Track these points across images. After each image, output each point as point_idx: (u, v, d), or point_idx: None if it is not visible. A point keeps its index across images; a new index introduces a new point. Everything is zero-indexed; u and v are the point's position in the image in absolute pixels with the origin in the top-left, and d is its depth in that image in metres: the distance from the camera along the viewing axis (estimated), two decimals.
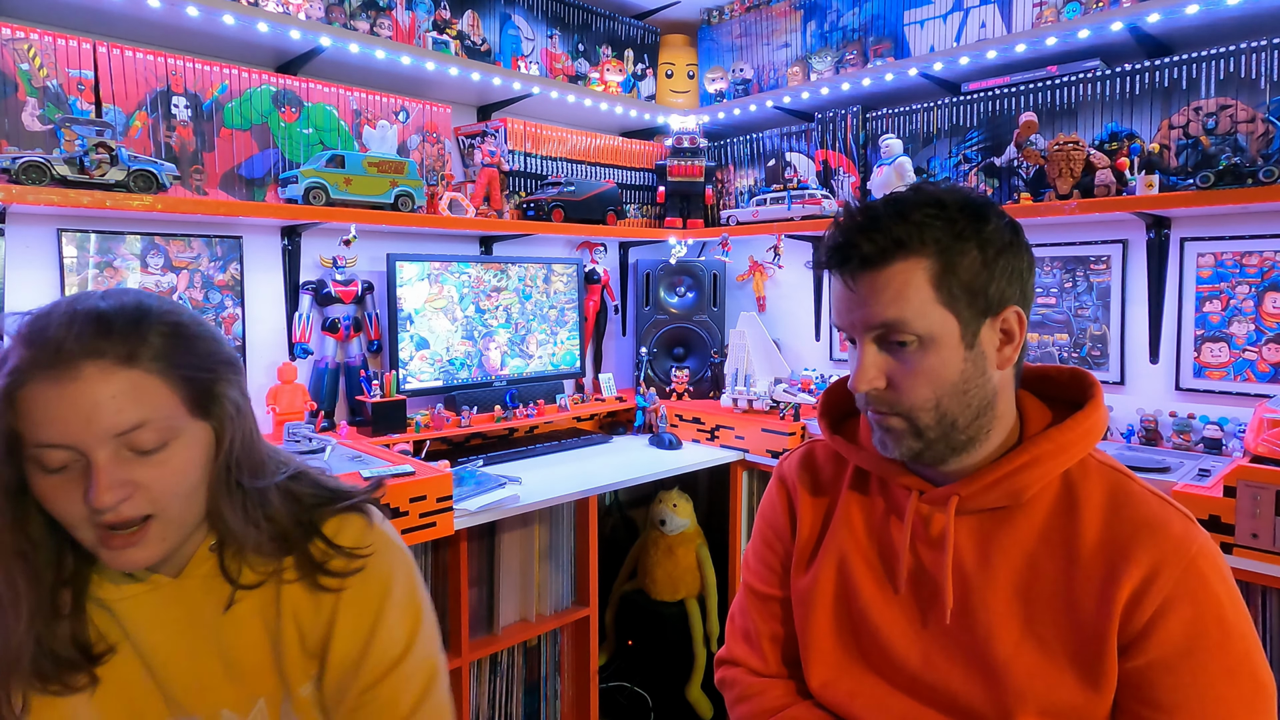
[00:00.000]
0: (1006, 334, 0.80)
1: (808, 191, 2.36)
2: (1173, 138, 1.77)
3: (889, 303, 0.78)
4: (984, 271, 0.78)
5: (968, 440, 0.82)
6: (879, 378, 0.80)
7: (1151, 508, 0.78)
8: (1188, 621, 0.73)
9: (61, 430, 0.66)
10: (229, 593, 0.80)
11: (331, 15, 1.88)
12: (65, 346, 0.67)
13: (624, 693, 2.36)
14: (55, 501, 0.68)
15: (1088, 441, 0.81)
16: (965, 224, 0.78)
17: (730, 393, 2.43)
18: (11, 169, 1.43)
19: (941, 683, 0.82)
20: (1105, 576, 0.76)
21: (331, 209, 1.83)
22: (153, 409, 0.69)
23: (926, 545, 0.85)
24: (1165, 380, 1.89)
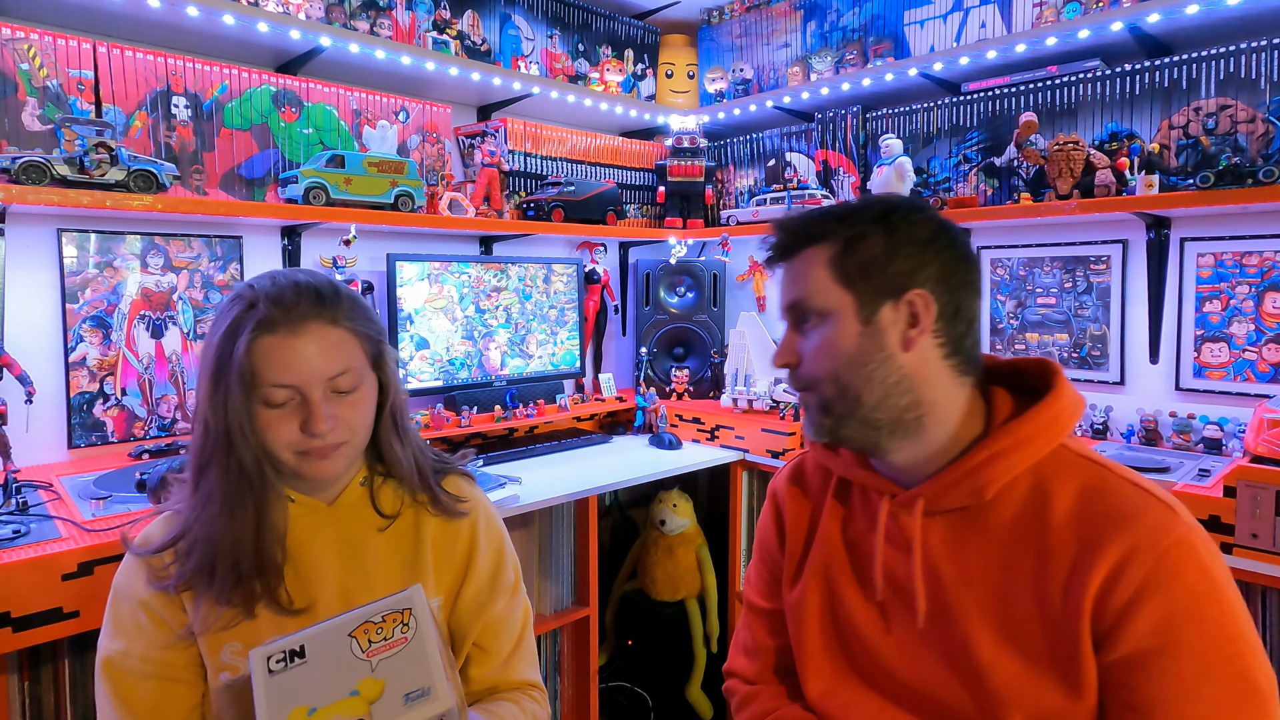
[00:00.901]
0: (913, 316, 0.81)
1: (808, 191, 2.36)
2: (1173, 138, 1.77)
3: (792, 284, 0.86)
4: (884, 253, 0.81)
5: (890, 423, 0.82)
6: (790, 355, 0.86)
7: (1126, 497, 0.75)
8: (1159, 615, 0.70)
9: (291, 373, 0.85)
10: (374, 519, 0.98)
11: (331, 15, 1.88)
12: (298, 309, 0.86)
13: (624, 693, 2.36)
14: (273, 429, 0.87)
15: (1054, 432, 0.80)
16: (873, 213, 0.83)
17: (730, 393, 2.43)
18: (11, 169, 1.43)
19: (930, 690, 0.81)
20: (1073, 571, 0.74)
21: (331, 209, 1.83)
22: (349, 359, 0.89)
23: (899, 550, 0.85)
24: (1165, 380, 1.89)
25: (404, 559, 0.98)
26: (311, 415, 0.86)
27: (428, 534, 1.00)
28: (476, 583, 1.03)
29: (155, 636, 0.88)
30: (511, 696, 1.03)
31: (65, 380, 1.68)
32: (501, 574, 1.06)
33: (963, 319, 0.83)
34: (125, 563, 0.92)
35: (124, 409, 1.75)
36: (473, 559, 1.03)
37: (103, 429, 1.72)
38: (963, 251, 0.83)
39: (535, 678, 1.07)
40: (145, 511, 1.31)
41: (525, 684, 1.06)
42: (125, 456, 1.70)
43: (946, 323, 0.82)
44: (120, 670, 0.88)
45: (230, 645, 0.89)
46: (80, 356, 1.69)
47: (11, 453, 1.47)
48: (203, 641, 0.89)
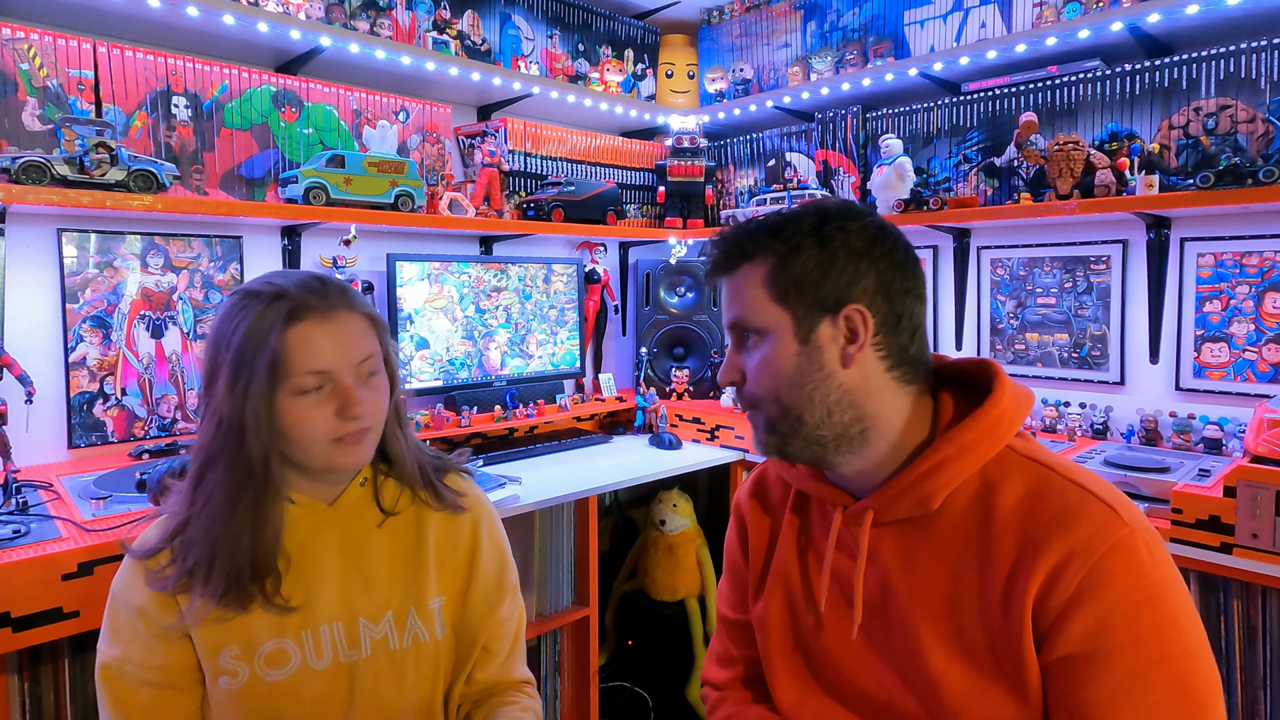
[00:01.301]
0: (851, 332, 0.79)
1: (808, 191, 2.36)
2: (1173, 138, 1.77)
3: (731, 302, 0.85)
4: (818, 269, 0.79)
5: (835, 439, 0.80)
6: (733, 373, 0.86)
7: (1068, 499, 0.74)
8: (1092, 621, 0.69)
9: (326, 358, 0.87)
10: (377, 518, 0.98)
11: (331, 15, 1.88)
12: (329, 299, 0.89)
13: (624, 693, 2.36)
14: (307, 419, 0.87)
15: (996, 436, 0.78)
16: (805, 227, 0.81)
17: (730, 393, 2.43)
18: (11, 169, 1.43)
19: (887, 700, 0.81)
20: (1014, 572, 0.73)
21: (331, 209, 1.83)
22: (372, 345, 0.92)
23: (851, 560, 0.84)
24: (1165, 380, 1.89)
25: (405, 557, 0.98)
26: (349, 398, 0.88)
27: (430, 533, 1.00)
28: (484, 582, 1.03)
29: (152, 643, 0.88)
30: (514, 698, 1.04)
31: (65, 380, 1.68)
32: (506, 573, 1.07)
33: (905, 328, 0.81)
34: (123, 568, 0.92)
35: (124, 409, 1.75)
36: (476, 557, 1.03)
37: (103, 429, 1.72)
38: (901, 257, 0.81)
39: (528, 674, 1.09)
40: (146, 512, 1.31)
41: (521, 681, 1.07)
42: (125, 456, 1.70)
43: (887, 334, 0.80)
44: (118, 676, 0.88)
45: (229, 649, 0.88)
46: (80, 356, 1.69)
47: (11, 453, 1.47)
48: (200, 646, 0.88)
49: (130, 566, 0.91)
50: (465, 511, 1.03)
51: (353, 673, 0.92)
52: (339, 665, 0.92)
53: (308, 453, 0.89)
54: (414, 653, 0.96)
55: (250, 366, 0.85)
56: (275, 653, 0.89)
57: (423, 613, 0.97)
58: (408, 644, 0.95)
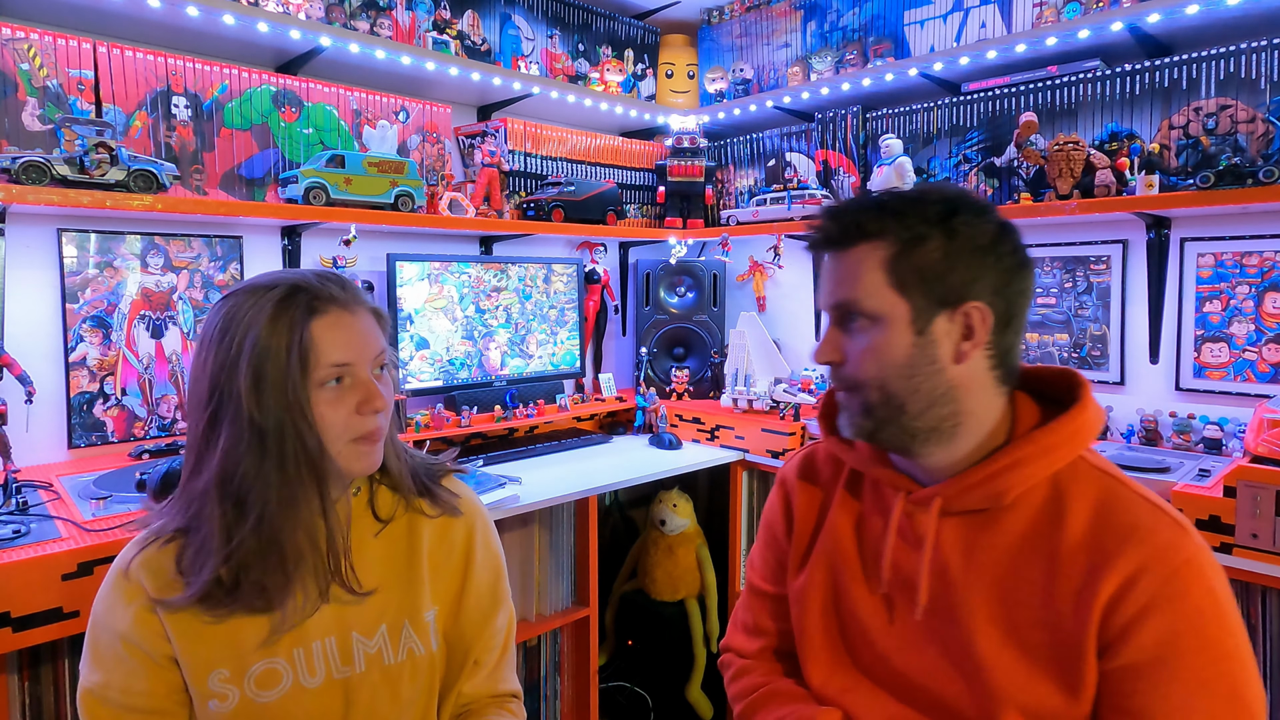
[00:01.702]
0: (968, 328, 0.80)
1: (808, 191, 2.36)
2: (1173, 138, 1.77)
3: (843, 282, 0.82)
4: (944, 261, 0.78)
5: (928, 431, 0.81)
6: (834, 353, 0.84)
7: (1140, 513, 0.76)
8: (1164, 629, 0.72)
9: (351, 350, 0.86)
10: (372, 527, 0.95)
11: (331, 15, 1.88)
12: (348, 291, 0.89)
13: (624, 693, 2.36)
14: (327, 418, 0.85)
15: (1075, 444, 0.80)
16: (934, 215, 0.79)
17: (730, 393, 2.43)
18: (11, 169, 1.43)
19: (926, 683, 0.83)
20: (1085, 579, 0.75)
21: (331, 209, 1.83)
22: (383, 342, 0.91)
23: (910, 546, 0.86)
24: (1165, 380, 1.89)
25: (398, 569, 0.95)
26: (370, 390, 0.87)
27: (423, 542, 0.97)
28: (477, 593, 1.00)
29: (135, 668, 0.84)
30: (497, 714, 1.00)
31: (65, 380, 1.68)
32: (500, 582, 1.04)
33: (1013, 329, 0.82)
34: (106, 591, 0.87)
35: (124, 409, 1.75)
36: (470, 565, 1.00)
37: (103, 429, 1.72)
38: (1021, 257, 0.81)
39: (516, 686, 1.05)
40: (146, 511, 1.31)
41: (507, 694, 1.04)
42: (125, 456, 1.70)
43: (998, 334, 0.80)
44: (99, 701, 0.84)
45: (217, 672, 0.85)
46: (80, 356, 1.69)
47: (11, 453, 1.47)
48: (188, 670, 0.85)
49: (112, 592, 0.86)
50: (460, 515, 1.01)
51: (347, 689, 0.89)
52: (332, 682, 0.89)
53: (333, 449, 0.87)
54: (409, 666, 0.93)
55: (278, 362, 0.81)
56: (266, 673, 0.86)
57: (417, 625, 0.94)
58: (402, 658, 0.92)
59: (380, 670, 0.91)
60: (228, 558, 0.82)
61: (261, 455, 0.82)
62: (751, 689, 0.97)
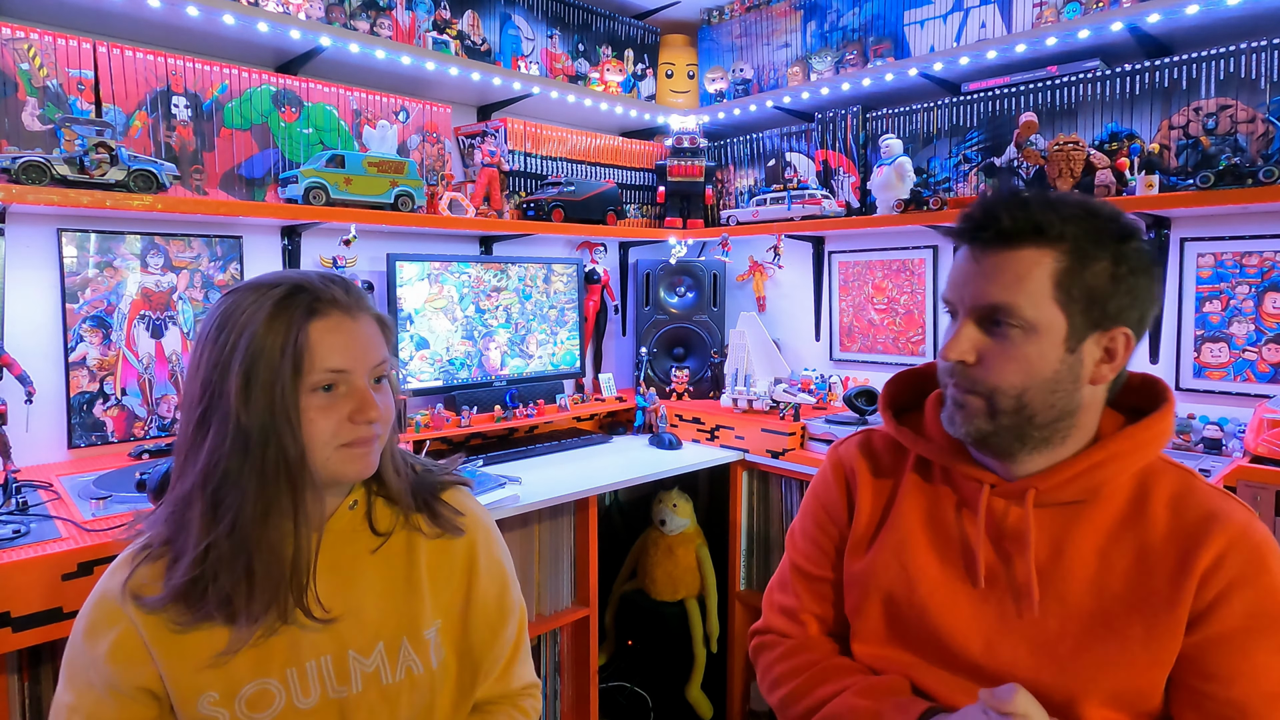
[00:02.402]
0: (1110, 352, 0.82)
1: (808, 191, 2.36)
2: (1173, 138, 1.77)
3: (1007, 285, 0.80)
4: (1110, 284, 0.79)
5: (1040, 440, 0.84)
6: (970, 352, 0.83)
7: (1215, 499, 0.83)
8: (1249, 601, 0.78)
9: (348, 356, 0.83)
10: (369, 543, 0.92)
11: (331, 15, 1.88)
12: (351, 296, 0.86)
13: (624, 693, 2.36)
14: (318, 423, 0.82)
15: (1160, 442, 0.85)
16: (1108, 233, 0.80)
17: (730, 393, 2.43)
18: (11, 169, 1.43)
19: (1005, 670, 0.85)
20: (1180, 559, 0.80)
21: (331, 209, 1.83)
22: (384, 351, 0.89)
23: (999, 538, 0.88)
24: (1165, 380, 1.88)
25: (396, 585, 0.92)
26: (364, 400, 0.84)
27: (421, 556, 0.94)
28: (484, 608, 0.97)
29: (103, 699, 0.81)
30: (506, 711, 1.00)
31: (65, 380, 1.68)
32: (508, 593, 1.01)
33: (1134, 353, 0.84)
34: (89, 612, 0.83)
35: (124, 409, 1.75)
36: (474, 578, 0.97)
37: (103, 429, 1.72)
38: (1161, 287, 0.87)
39: (531, 678, 1.04)
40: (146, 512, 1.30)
41: (520, 690, 1.02)
42: (125, 456, 1.70)
43: (1127, 358, 0.84)
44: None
45: (206, 695, 0.81)
46: (80, 356, 1.69)
47: (11, 453, 1.47)
48: (176, 695, 0.81)
49: (99, 612, 0.82)
50: (462, 534, 0.97)
51: (343, 710, 0.86)
52: (328, 702, 0.85)
53: (312, 459, 0.83)
54: (408, 685, 0.89)
55: (270, 363, 0.79)
56: (258, 694, 0.83)
57: (416, 643, 0.91)
58: (401, 677, 0.89)
59: (378, 690, 0.88)
60: (200, 561, 0.79)
61: (244, 458, 0.80)
62: (809, 664, 0.96)
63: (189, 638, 0.81)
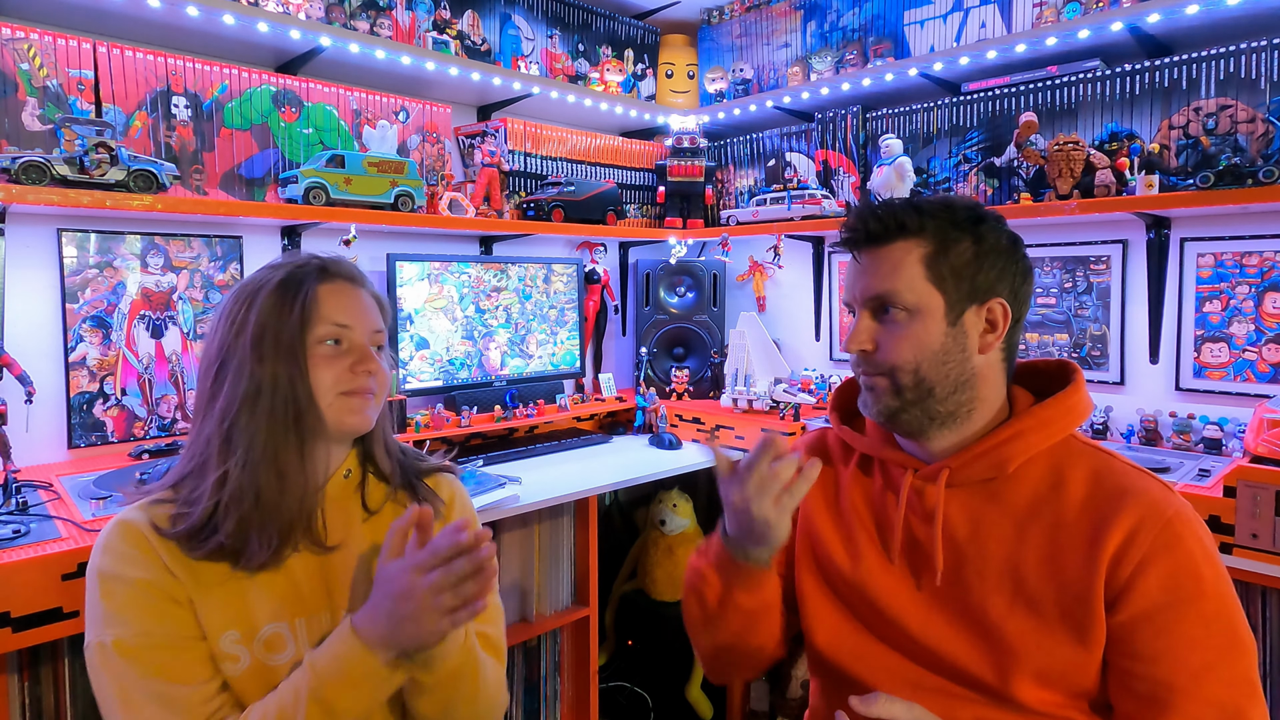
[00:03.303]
0: (990, 323, 0.90)
1: (808, 191, 2.36)
2: (1173, 138, 1.77)
3: (885, 276, 0.90)
4: (974, 262, 0.89)
5: (946, 415, 0.90)
6: (868, 341, 0.92)
7: (1131, 477, 0.86)
8: (1165, 576, 0.79)
9: (352, 314, 0.95)
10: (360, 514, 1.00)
11: (331, 15, 1.88)
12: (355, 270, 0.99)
13: (624, 693, 2.36)
14: (320, 370, 0.92)
15: (1070, 420, 0.89)
16: (964, 220, 0.90)
17: (730, 393, 2.43)
18: (11, 169, 1.43)
19: (941, 648, 0.89)
20: (1090, 539, 0.83)
21: (331, 209, 1.83)
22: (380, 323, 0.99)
23: (920, 518, 0.93)
24: (1165, 380, 1.89)
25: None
26: (364, 353, 0.94)
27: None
28: None
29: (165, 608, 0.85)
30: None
31: (65, 380, 1.68)
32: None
33: (1019, 327, 0.93)
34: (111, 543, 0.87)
35: (124, 409, 1.75)
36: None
37: (103, 429, 1.72)
38: (1029, 264, 0.93)
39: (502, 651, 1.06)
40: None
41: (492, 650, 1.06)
42: (125, 456, 1.70)
43: (1012, 330, 0.91)
44: (133, 649, 0.82)
45: (229, 634, 0.87)
46: (80, 356, 1.69)
47: (11, 453, 1.47)
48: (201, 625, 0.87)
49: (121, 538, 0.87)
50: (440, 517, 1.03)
51: None
52: None
53: (318, 404, 0.92)
54: None
55: (283, 314, 0.89)
56: (273, 637, 0.89)
57: None
58: None
59: None
60: (217, 490, 0.87)
61: (255, 402, 0.88)
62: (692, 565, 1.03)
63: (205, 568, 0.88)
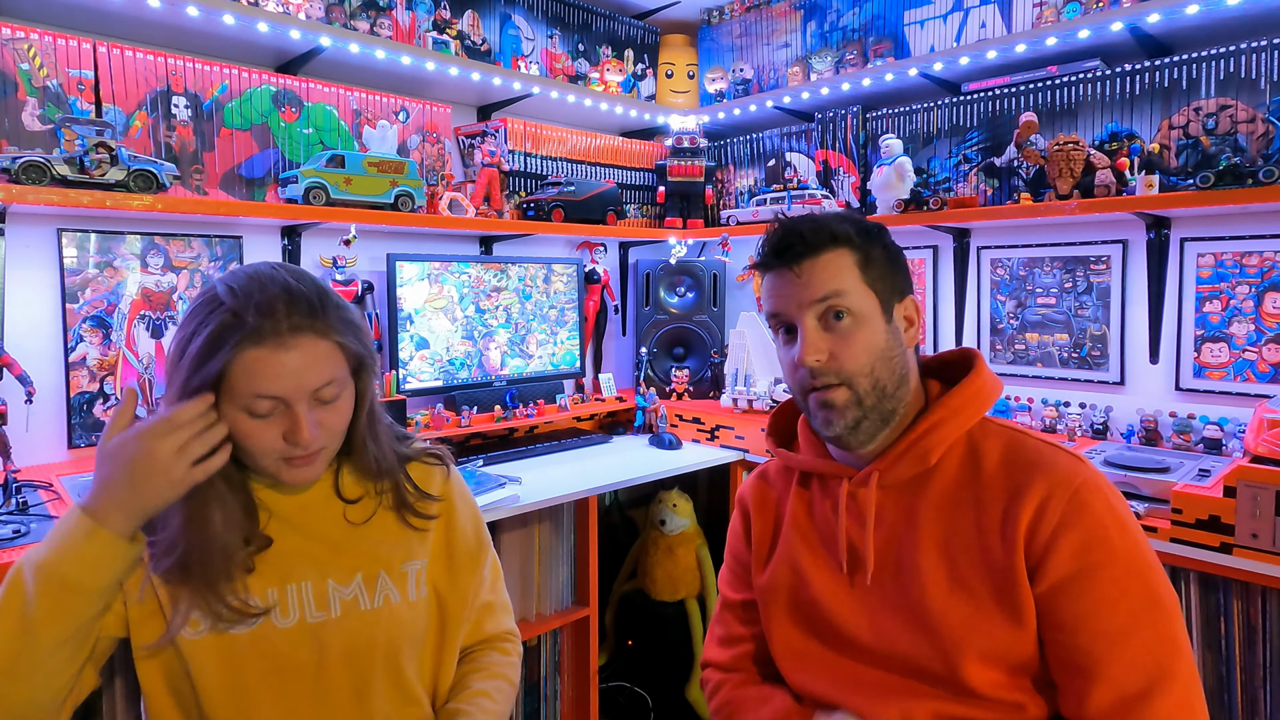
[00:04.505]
0: (908, 319, 0.96)
1: (808, 191, 2.36)
2: (1173, 138, 1.77)
3: (830, 279, 0.91)
4: (888, 265, 0.95)
5: (891, 411, 0.93)
6: (824, 350, 0.91)
7: (1041, 451, 0.89)
8: (1075, 544, 0.82)
9: (278, 386, 0.84)
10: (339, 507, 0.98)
11: (331, 15, 1.88)
12: (290, 320, 0.84)
13: (624, 693, 2.36)
14: (254, 438, 0.86)
15: (980, 402, 0.92)
16: (871, 230, 0.96)
17: (730, 393, 2.43)
18: (11, 169, 1.43)
19: (891, 647, 0.90)
20: (1005, 515, 0.85)
21: (331, 209, 1.83)
22: (334, 370, 0.89)
23: (857, 522, 0.95)
24: (1165, 380, 1.89)
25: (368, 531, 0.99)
26: (296, 425, 0.86)
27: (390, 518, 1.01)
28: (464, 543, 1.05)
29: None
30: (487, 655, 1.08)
31: (65, 380, 1.68)
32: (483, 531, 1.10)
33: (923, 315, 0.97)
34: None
35: None
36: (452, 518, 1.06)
37: (103, 429, 1.72)
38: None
39: (511, 627, 1.12)
40: None
41: (502, 634, 1.11)
42: None
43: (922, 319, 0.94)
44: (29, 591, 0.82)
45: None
46: (80, 356, 1.69)
47: (11, 453, 1.47)
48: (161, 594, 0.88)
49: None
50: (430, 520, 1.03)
51: (319, 633, 0.91)
52: (305, 625, 0.91)
53: (258, 465, 0.90)
54: (386, 614, 0.95)
55: (200, 374, 0.83)
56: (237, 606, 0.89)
57: (394, 575, 0.97)
58: (379, 604, 0.95)
59: (357, 616, 0.93)
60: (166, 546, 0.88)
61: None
62: (724, 704, 1.03)
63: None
